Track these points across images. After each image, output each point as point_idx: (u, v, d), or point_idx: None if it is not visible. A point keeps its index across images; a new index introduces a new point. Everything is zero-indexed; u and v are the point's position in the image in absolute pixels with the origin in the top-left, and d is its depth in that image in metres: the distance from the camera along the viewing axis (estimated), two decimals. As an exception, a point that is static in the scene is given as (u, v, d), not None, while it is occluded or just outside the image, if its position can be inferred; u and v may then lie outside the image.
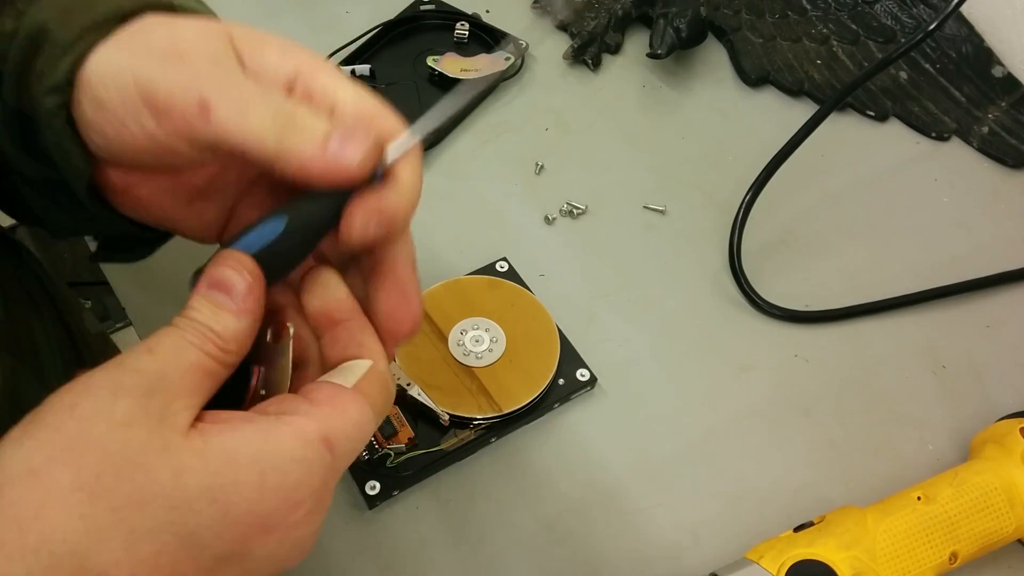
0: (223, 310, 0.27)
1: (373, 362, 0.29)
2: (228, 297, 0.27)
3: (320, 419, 0.26)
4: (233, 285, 0.27)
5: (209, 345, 0.26)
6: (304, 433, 0.25)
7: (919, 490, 0.43)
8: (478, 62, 0.64)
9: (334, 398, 0.27)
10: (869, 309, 0.54)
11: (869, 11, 0.70)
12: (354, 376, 0.28)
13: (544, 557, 0.44)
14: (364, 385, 0.28)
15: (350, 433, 0.27)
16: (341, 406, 0.27)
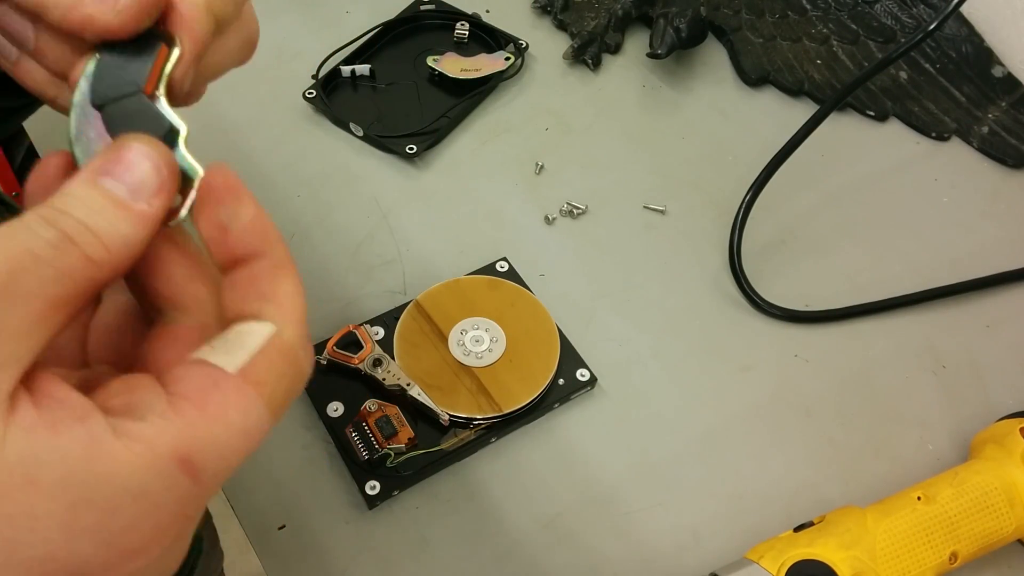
0: (117, 207, 0.20)
1: (276, 327, 0.21)
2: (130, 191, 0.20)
3: (180, 429, 0.19)
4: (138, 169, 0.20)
5: (76, 259, 0.19)
6: (150, 452, 0.18)
7: (919, 490, 0.43)
8: (478, 62, 0.64)
9: (206, 395, 0.19)
10: (869, 309, 0.54)
11: (869, 11, 0.70)
12: (245, 352, 0.20)
13: (544, 557, 0.44)
14: (257, 368, 0.20)
15: (227, 447, 0.19)
16: (215, 408, 0.19)
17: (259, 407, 0.20)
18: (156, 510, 0.18)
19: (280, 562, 0.43)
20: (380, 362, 0.47)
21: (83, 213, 0.19)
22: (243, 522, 0.44)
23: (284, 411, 0.21)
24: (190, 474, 0.19)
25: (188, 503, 0.19)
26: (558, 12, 0.69)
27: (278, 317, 0.21)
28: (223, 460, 0.19)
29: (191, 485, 0.19)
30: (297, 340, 0.21)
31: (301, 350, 0.21)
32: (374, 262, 0.55)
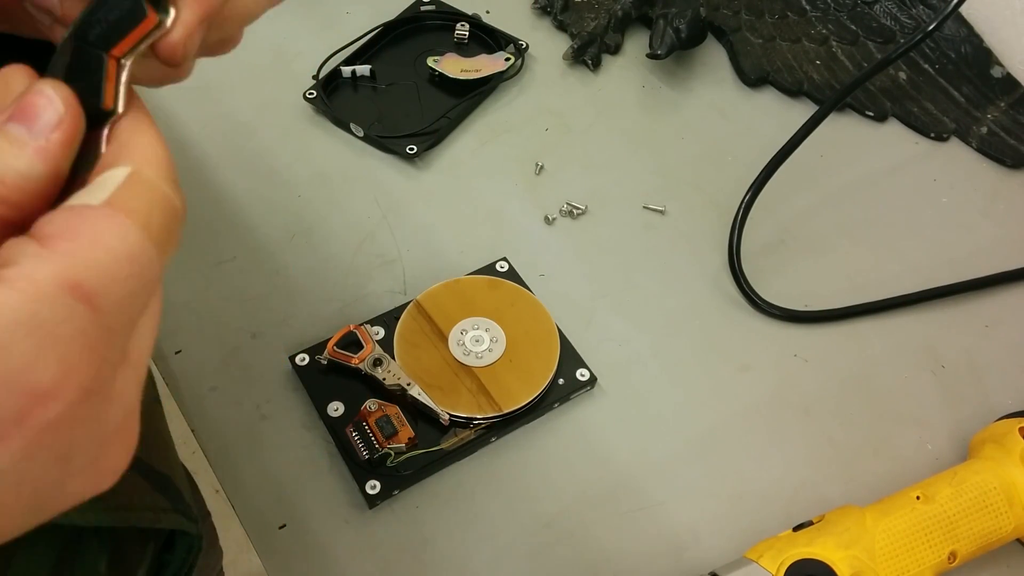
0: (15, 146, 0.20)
1: (134, 167, 0.21)
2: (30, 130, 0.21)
3: (58, 260, 0.18)
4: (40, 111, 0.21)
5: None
6: (32, 283, 0.18)
7: (918, 489, 0.43)
8: (478, 62, 0.64)
9: (73, 227, 0.19)
10: (868, 309, 0.54)
11: (868, 11, 0.70)
12: (106, 189, 0.20)
13: (544, 557, 0.44)
14: (121, 198, 0.20)
15: (115, 271, 0.19)
16: (88, 235, 0.19)
17: (136, 231, 0.20)
18: (56, 342, 0.18)
19: (280, 561, 0.43)
20: (380, 362, 0.47)
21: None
22: (243, 522, 0.44)
23: (169, 251, 0.21)
24: (84, 300, 0.18)
25: (92, 334, 0.18)
26: (558, 13, 0.69)
27: (135, 159, 0.21)
28: (117, 284, 0.19)
29: (89, 312, 0.18)
30: (159, 178, 0.21)
31: (167, 186, 0.21)
32: (374, 262, 0.55)
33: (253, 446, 0.47)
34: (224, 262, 0.54)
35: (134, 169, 0.21)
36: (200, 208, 0.57)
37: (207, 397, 0.48)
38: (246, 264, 0.54)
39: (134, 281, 0.19)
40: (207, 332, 0.51)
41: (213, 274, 0.54)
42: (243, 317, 0.52)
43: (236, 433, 0.47)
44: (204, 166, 0.59)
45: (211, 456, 0.46)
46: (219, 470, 0.46)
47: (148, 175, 0.21)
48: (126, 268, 0.19)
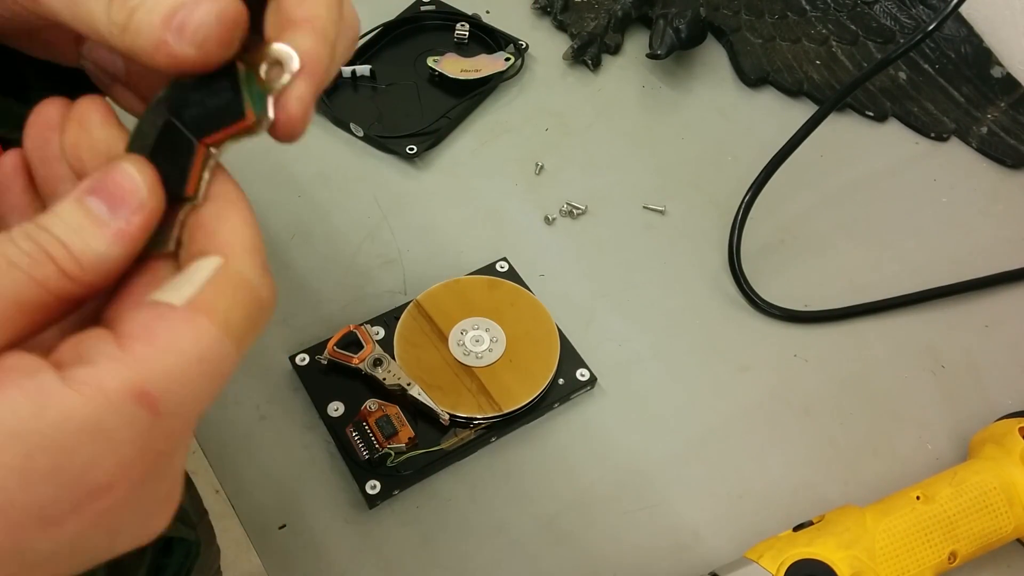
0: (95, 225, 0.20)
1: (224, 259, 0.21)
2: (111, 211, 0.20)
3: (130, 365, 0.19)
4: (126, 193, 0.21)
5: (49, 271, 0.20)
6: (100, 392, 0.18)
7: (918, 489, 0.43)
8: (478, 62, 0.64)
9: (151, 329, 0.19)
10: (868, 309, 0.54)
11: (868, 12, 0.70)
12: (191, 286, 0.20)
13: (544, 557, 0.44)
14: (206, 298, 0.20)
15: (183, 375, 0.19)
16: (163, 338, 0.19)
17: (213, 333, 0.20)
18: (117, 446, 0.19)
19: (280, 561, 0.43)
20: (380, 362, 0.47)
21: (61, 230, 0.20)
22: (243, 521, 0.44)
23: (249, 341, 0.21)
24: (148, 407, 0.19)
25: (153, 436, 0.19)
26: (558, 13, 0.69)
27: (224, 250, 0.21)
28: (183, 388, 0.19)
29: (151, 417, 0.19)
30: (248, 269, 0.21)
31: (255, 278, 0.21)
32: (374, 262, 0.55)
33: (253, 446, 0.47)
34: (224, 262, 0.54)
35: (223, 261, 0.21)
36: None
37: (207, 397, 0.48)
38: (246, 264, 0.54)
39: (203, 380, 0.20)
40: (207, 332, 0.51)
41: (213, 274, 0.54)
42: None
43: (236, 433, 0.47)
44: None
45: (211, 456, 0.46)
46: (219, 470, 0.46)
47: (236, 267, 0.21)
48: (195, 369, 0.19)
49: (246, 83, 0.22)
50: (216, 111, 0.22)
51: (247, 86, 0.22)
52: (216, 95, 0.22)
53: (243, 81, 0.22)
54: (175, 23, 0.21)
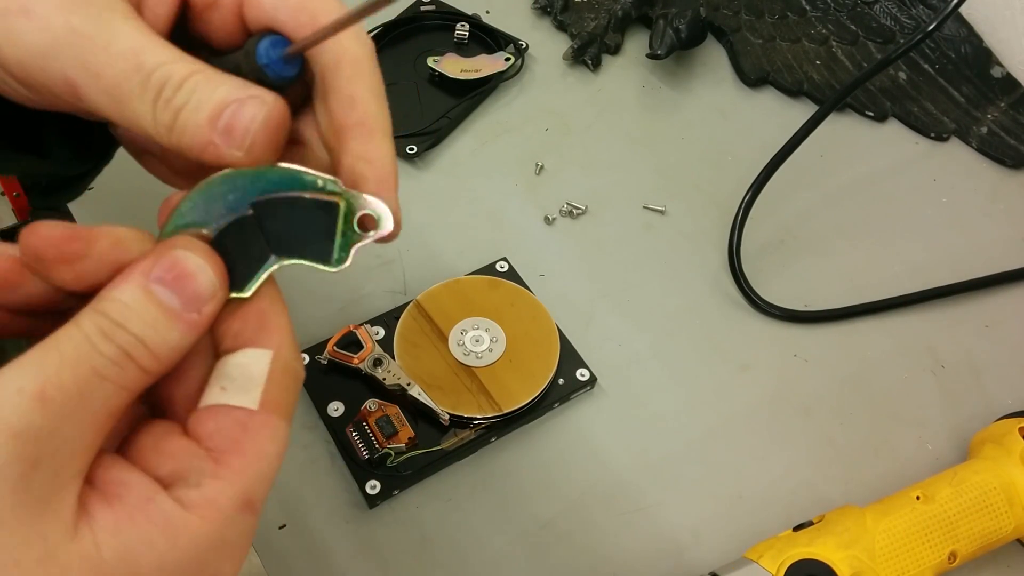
0: (169, 318, 0.20)
1: (276, 351, 0.22)
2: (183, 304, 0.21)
3: (233, 482, 0.21)
4: (197, 287, 0.21)
5: (132, 372, 0.20)
6: (218, 511, 0.20)
7: (918, 489, 0.43)
8: (478, 62, 0.64)
9: (241, 441, 0.21)
10: (868, 309, 0.54)
11: (868, 12, 0.70)
12: (254, 385, 0.21)
13: (544, 557, 0.44)
14: (272, 395, 0.22)
15: (269, 473, 0.22)
16: (253, 450, 0.21)
17: (283, 427, 0.22)
18: (235, 549, 0.21)
19: (280, 561, 0.43)
20: (380, 362, 0.47)
21: (138, 327, 0.20)
22: (244, 522, 0.44)
23: (293, 413, 0.23)
24: (251, 511, 0.21)
25: (253, 531, 0.22)
26: (558, 13, 0.69)
27: (274, 340, 0.22)
28: (269, 483, 0.22)
29: (253, 519, 0.21)
30: (293, 358, 0.23)
31: (298, 364, 0.23)
32: (374, 262, 0.55)
33: (253, 446, 0.47)
34: (224, 262, 0.54)
35: (276, 353, 0.22)
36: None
37: (207, 397, 0.48)
38: (246, 264, 0.54)
39: (278, 469, 0.22)
40: (207, 332, 0.51)
41: (213, 274, 0.54)
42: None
43: (236, 433, 0.47)
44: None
45: (211, 456, 0.46)
46: (219, 470, 0.46)
47: (285, 357, 0.22)
48: (276, 464, 0.22)
49: (342, 224, 0.23)
50: (303, 239, 0.23)
51: (341, 227, 0.23)
52: (310, 225, 0.23)
53: (340, 222, 0.23)
54: (222, 125, 0.22)
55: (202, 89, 0.22)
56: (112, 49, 0.22)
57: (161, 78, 0.22)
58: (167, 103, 0.22)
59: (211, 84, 0.22)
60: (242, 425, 0.21)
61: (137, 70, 0.22)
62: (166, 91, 0.22)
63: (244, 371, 0.22)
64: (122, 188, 0.59)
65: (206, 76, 0.22)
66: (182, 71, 0.22)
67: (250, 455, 0.21)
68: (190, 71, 0.22)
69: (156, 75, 0.22)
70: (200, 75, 0.22)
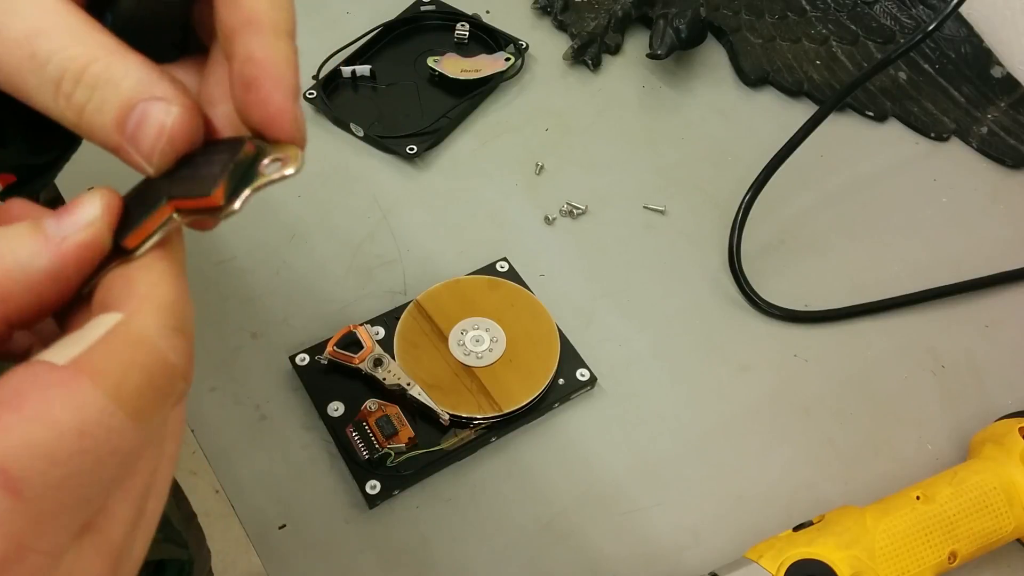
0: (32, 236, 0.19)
1: (126, 316, 0.18)
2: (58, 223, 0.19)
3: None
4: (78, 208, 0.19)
5: None
6: None
7: (918, 489, 0.43)
8: (478, 62, 0.64)
9: (23, 394, 0.16)
10: (868, 309, 0.54)
11: (868, 11, 0.70)
12: (80, 345, 0.17)
13: (544, 557, 0.44)
14: (95, 358, 0.17)
15: (53, 449, 0.16)
16: (33, 406, 0.16)
17: (97, 398, 0.17)
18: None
19: (280, 561, 0.43)
20: (380, 362, 0.47)
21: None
22: (243, 522, 0.44)
23: (150, 410, 0.18)
24: (6, 488, 0.16)
25: (14, 524, 0.16)
26: (558, 13, 0.69)
27: (130, 307, 0.19)
28: (55, 466, 0.16)
29: (11, 501, 0.16)
30: (152, 329, 0.18)
31: (160, 339, 0.18)
32: (374, 262, 0.55)
33: (253, 446, 0.47)
34: (224, 262, 0.54)
35: (124, 318, 0.18)
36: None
37: (207, 397, 0.48)
38: (246, 264, 0.54)
39: (85, 458, 0.16)
40: (207, 332, 0.51)
41: (213, 274, 0.54)
42: (243, 317, 0.52)
43: (236, 433, 0.47)
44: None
45: (211, 456, 0.46)
46: (219, 470, 0.46)
47: (138, 325, 0.18)
48: (70, 443, 0.16)
49: (238, 166, 0.21)
50: (196, 179, 0.21)
51: (235, 168, 0.21)
52: (206, 165, 0.21)
53: (236, 163, 0.21)
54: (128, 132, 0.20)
55: (103, 86, 0.20)
56: (5, 34, 0.20)
57: (57, 71, 0.20)
58: (68, 99, 0.20)
59: (112, 79, 0.20)
60: (33, 377, 0.17)
61: (31, 58, 0.20)
62: (64, 85, 0.20)
63: (81, 333, 0.18)
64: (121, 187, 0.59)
65: (106, 66, 0.20)
66: (79, 61, 0.20)
67: (26, 413, 0.16)
68: (87, 60, 0.20)
69: (51, 67, 0.20)
70: (99, 65, 0.20)
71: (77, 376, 0.17)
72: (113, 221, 0.20)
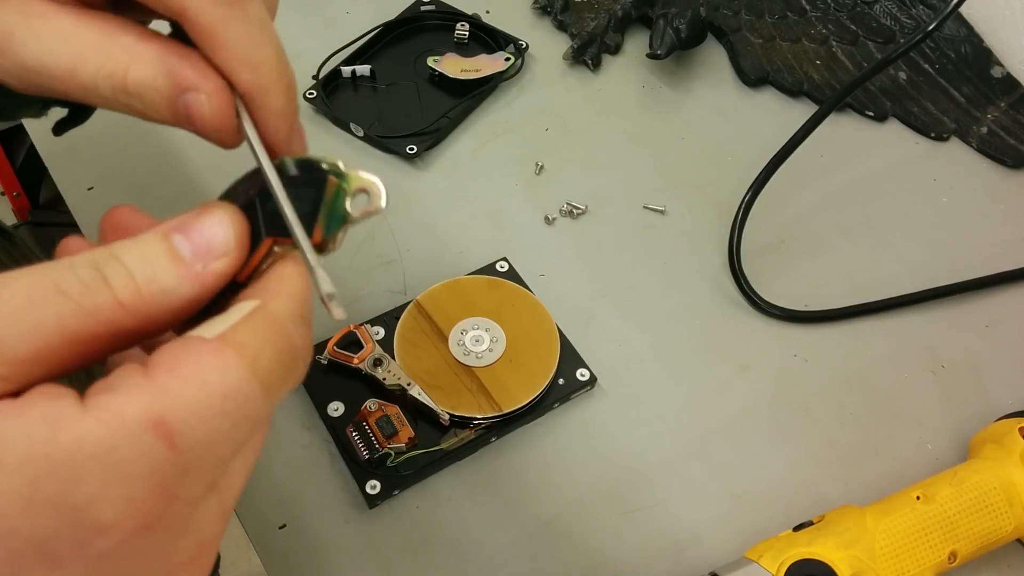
0: (172, 260, 0.20)
1: (261, 302, 0.21)
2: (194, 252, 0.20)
3: (150, 393, 0.18)
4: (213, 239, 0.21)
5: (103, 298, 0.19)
6: (118, 418, 0.17)
7: (918, 489, 0.43)
8: (478, 62, 0.64)
9: (179, 358, 0.19)
10: (868, 309, 0.54)
11: (868, 11, 0.70)
12: (226, 323, 0.20)
13: (544, 557, 0.44)
14: (238, 333, 0.20)
15: (205, 408, 0.18)
16: (188, 369, 0.18)
17: (240, 368, 0.19)
18: (127, 478, 0.17)
19: (280, 561, 0.43)
20: (380, 362, 0.47)
21: (133, 260, 0.19)
22: (244, 522, 0.44)
23: (279, 387, 0.20)
24: (164, 438, 0.18)
25: (166, 472, 0.18)
26: (558, 13, 0.69)
27: (266, 294, 0.21)
28: (203, 424, 0.18)
29: (166, 450, 0.18)
30: (286, 314, 0.21)
31: (291, 325, 0.21)
32: (374, 262, 0.55)
33: (253, 446, 0.47)
34: (224, 262, 0.54)
35: (260, 303, 0.21)
36: (200, 208, 0.57)
37: (207, 397, 0.48)
38: (246, 264, 0.54)
39: (226, 419, 0.19)
40: (207, 332, 0.51)
41: (213, 274, 0.54)
42: (243, 317, 0.52)
43: (236, 433, 0.47)
44: (204, 166, 0.59)
45: (211, 456, 0.46)
46: (219, 470, 0.46)
47: (273, 309, 0.21)
48: (217, 404, 0.18)
49: (331, 202, 0.23)
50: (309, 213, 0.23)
51: (329, 205, 0.23)
52: (296, 200, 0.23)
53: (328, 198, 0.23)
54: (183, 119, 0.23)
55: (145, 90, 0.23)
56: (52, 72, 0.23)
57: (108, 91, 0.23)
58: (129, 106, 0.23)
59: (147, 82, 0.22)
60: (187, 347, 0.19)
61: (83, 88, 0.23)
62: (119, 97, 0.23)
63: (224, 315, 0.20)
64: (122, 186, 0.59)
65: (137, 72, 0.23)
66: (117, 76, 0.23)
67: (181, 374, 0.18)
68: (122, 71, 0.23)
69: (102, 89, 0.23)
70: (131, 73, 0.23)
71: (223, 347, 0.19)
72: (244, 250, 0.22)
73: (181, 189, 0.58)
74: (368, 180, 0.23)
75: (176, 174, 0.58)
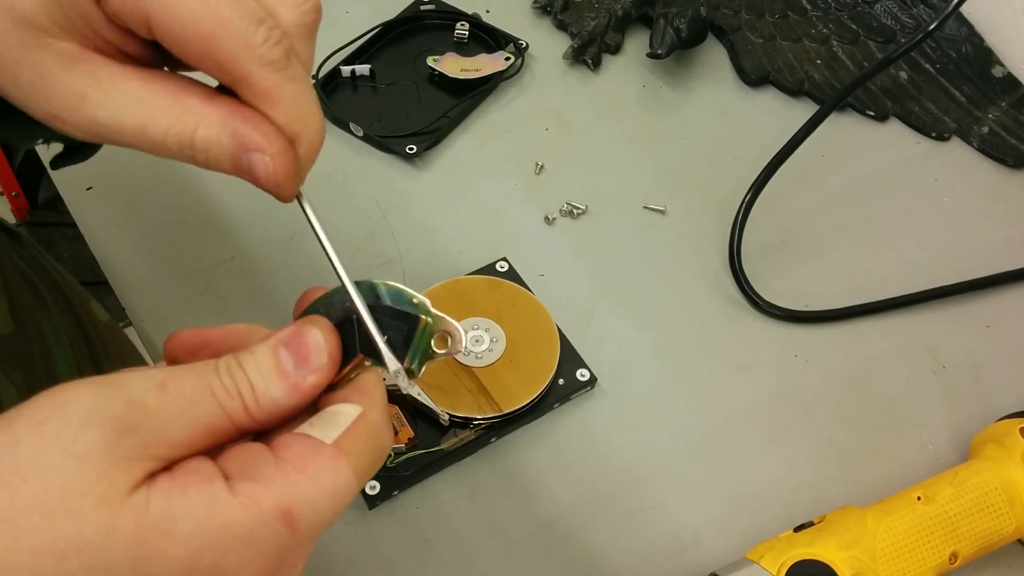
0: (278, 375, 0.24)
1: (363, 409, 0.25)
2: (295, 366, 0.24)
3: (283, 488, 0.22)
4: (311, 356, 0.25)
5: (236, 404, 0.23)
6: (258, 507, 0.22)
7: (919, 490, 0.43)
8: (478, 62, 0.64)
9: (305, 460, 0.23)
10: (869, 309, 0.54)
11: (869, 11, 0.70)
12: (337, 428, 0.24)
13: (544, 557, 0.44)
14: (347, 441, 0.24)
15: (320, 504, 0.23)
16: (312, 471, 0.23)
17: (348, 473, 0.23)
18: (260, 555, 0.22)
19: (280, 562, 0.43)
20: (380, 362, 0.47)
21: (254, 374, 0.24)
22: (243, 522, 0.44)
23: (368, 479, 0.25)
24: (289, 526, 0.22)
25: (286, 551, 0.23)
26: (558, 12, 0.69)
27: (364, 402, 0.25)
28: (317, 515, 0.23)
29: (289, 535, 0.22)
30: (380, 421, 0.25)
31: (384, 429, 0.25)
32: (374, 262, 0.55)
33: (253, 446, 0.47)
34: (224, 262, 0.54)
35: (362, 411, 0.25)
36: (199, 208, 0.57)
37: (206, 397, 0.48)
38: (246, 264, 0.54)
39: (332, 511, 0.23)
40: (207, 332, 0.51)
41: (213, 274, 0.54)
42: (243, 317, 0.51)
43: (236, 433, 0.47)
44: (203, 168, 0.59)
45: (210, 456, 0.46)
46: (218, 470, 0.46)
47: (372, 418, 0.25)
48: (329, 501, 0.23)
49: (419, 337, 0.27)
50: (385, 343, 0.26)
51: (418, 340, 0.27)
52: (389, 329, 0.27)
53: (418, 335, 0.27)
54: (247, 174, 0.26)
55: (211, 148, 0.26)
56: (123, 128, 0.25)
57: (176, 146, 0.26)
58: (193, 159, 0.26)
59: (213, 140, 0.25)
60: (312, 450, 0.23)
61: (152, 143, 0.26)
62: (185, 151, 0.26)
63: (332, 416, 0.25)
64: (121, 187, 0.59)
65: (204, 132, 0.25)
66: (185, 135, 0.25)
67: (307, 475, 0.23)
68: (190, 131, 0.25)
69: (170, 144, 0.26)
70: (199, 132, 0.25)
71: (339, 454, 0.23)
72: (336, 365, 0.25)
73: (179, 190, 0.58)
74: (453, 325, 0.27)
75: (175, 175, 0.58)
